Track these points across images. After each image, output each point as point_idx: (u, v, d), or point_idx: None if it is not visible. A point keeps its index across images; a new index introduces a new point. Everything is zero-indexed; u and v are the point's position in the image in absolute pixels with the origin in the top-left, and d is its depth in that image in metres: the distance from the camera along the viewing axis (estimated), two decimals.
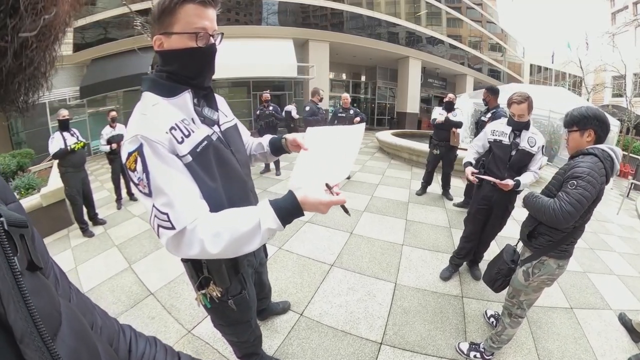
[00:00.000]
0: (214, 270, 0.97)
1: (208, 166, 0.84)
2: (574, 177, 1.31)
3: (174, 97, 0.82)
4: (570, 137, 1.45)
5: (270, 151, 1.16)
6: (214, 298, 1.00)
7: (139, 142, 0.73)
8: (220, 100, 1.04)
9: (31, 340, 0.28)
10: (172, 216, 0.72)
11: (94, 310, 0.49)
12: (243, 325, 1.19)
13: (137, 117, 0.78)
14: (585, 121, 1.38)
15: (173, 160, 0.76)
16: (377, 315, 2.01)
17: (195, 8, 0.76)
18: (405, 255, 2.77)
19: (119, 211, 4.24)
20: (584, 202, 1.27)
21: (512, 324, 1.63)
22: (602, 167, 1.30)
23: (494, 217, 2.28)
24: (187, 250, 0.73)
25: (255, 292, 1.24)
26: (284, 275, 2.41)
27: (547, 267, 1.46)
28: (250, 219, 0.74)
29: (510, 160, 2.07)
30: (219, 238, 0.72)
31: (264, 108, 5.25)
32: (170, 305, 2.12)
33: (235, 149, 0.98)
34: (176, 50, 0.80)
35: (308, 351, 1.71)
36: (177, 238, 0.73)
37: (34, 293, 0.32)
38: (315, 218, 3.50)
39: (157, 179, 0.72)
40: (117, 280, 2.48)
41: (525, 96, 1.92)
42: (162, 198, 0.72)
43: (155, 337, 0.60)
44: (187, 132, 0.80)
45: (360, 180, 5.23)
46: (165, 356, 0.57)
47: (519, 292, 1.57)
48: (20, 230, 0.33)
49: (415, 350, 1.76)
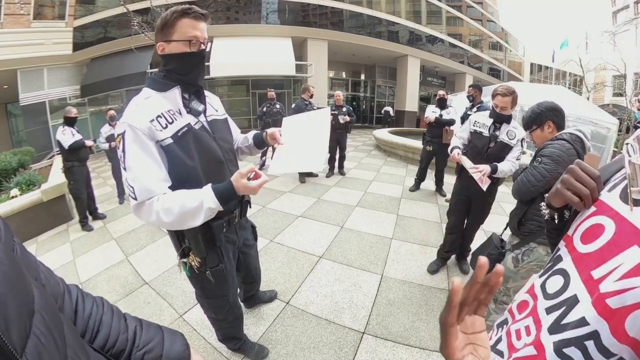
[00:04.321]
0: (192, 240, 1.11)
1: (187, 148, 1.01)
2: (541, 155, 1.42)
3: (166, 91, 1.01)
4: (533, 136, 1.54)
5: (253, 144, 1.32)
6: (193, 268, 1.15)
7: (124, 128, 0.91)
8: (215, 98, 1.23)
9: None
10: (136, 190, 0.90)
11: (37, 267, 0.48)
12: (220, 299, 1.30)
13: (131, 107, 0.97)
14: (540, 116, 1.48)
15: (147, 146, 0.93)
16: (361, 305, 2.06)
17: (189, 21, 0.97)
18: (393, 249, 2.82)
19: (120, 206, 4.34)
20: (547, 175, 1.37)
21: (497, 310, 1.66)
22: (570, 147, 1.37)
23: (474, 208, 2.32)
24: (147, 218, 0.93)
25: (234, 268, 1.34)
26: (273, 266, 2.48)
27: (536, 254, 1.48)
28: (195, 198, 0.92)
29: (488, 151, 2.11)
30: (170, 211, 0.90)
31: (271, 106, 5.30)
32: (165, 292, 2.20)
33: (219, 136, 1.14)
34: (174, 54, 1.00)
35: (291, 338, 1.77)
36: (139, 207, 0.92)
37: None
38: (308, 212, 3.56)
39: (129, 159, 0.91)
40: (113, 270, 2.55)
41: (511, 90, 1.95)
42: (131, 174, 0.91)
43: (103, 298, 0.60)
44: (170, 120, 0.99)
45: (355, 176, 5.29)
46: (112, 317, 0.58)
47: (507, 279, 1.59)
48: None
49: (398, 341, 1.78)
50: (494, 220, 3.24)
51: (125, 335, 0.57)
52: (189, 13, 0.97)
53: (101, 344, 0.53)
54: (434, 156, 4.32)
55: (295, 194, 4.29)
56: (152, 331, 0.61)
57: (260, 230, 3.05)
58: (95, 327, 0.54)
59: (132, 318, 0.61)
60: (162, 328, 0.64)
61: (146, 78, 1.07)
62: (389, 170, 5.91)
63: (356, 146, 8.93)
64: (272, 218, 3.41)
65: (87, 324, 0.53)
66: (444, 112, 4.10)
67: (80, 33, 11.66)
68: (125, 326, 0.58)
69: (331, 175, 5.26)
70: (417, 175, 4.56)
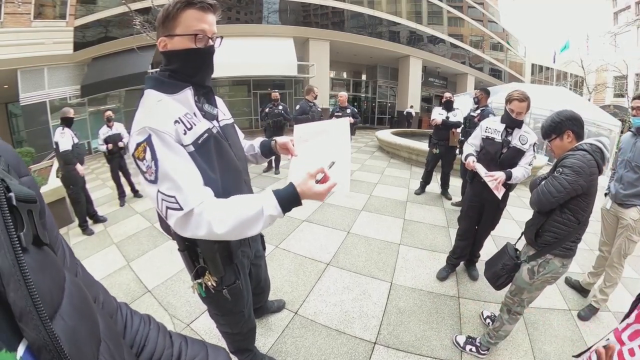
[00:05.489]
0: (209, 260, 1.01)
1: (208, 156, 0.90)
2: (562, 166, 1.40)
3: (176, 93, 0.89)
4: (552, 145, 1.51)
5: (260, 152, 1.23)
6: (209, 288, 1.06)
7: (147, 134, 0.79)
8: (219, 100, 1.10)
9: (29, 319, 0.29)
10: (180, 198, 0.77)
11: (97, 286, 0.51)
12: (236, 315, 1.23)
13: (144, 111, 0.85)
14: (560, 126, 1.45)
15: (180, 148, 0.82)
16: (371, 314, 2.01)
17: (195, 12, 0.85)
18: (402, 255, 2.77)
19: (121, 208, 4.26)
20: (567, 187, 1.34)
21: (510, 321, 1.63)
22: (591, 159, 1.35)
23: (486, 214, 2.29)
24: (195, 230, 0.79)
25: (249, 284, 1.27)
26: (280, 273, 2.42)
27: (552, 266, 1.46)
28: (254, 205, 0.80)
29: (501, 157, 2.08)
30: (225, 220, 0.78)
31: (273, 106, 5.23)
32: (167, 302, 2.13)
33: (232, 143, 1.04)
34: (178, 51, 0.87)
35: (302, 350, 1.72)
36: (185, 218, 0.79)
37: (37, 270, 0.32)
38: (313, 217, 3.51)
39: (165, 166, 0.78)
40: (114, 277, 2.49)
41: (527, 95, 1.94)
42: (168, 183, 0.78)
43: (150, 315, 0.62)
44: (189, 125, 0.87)
45: (359, 179, 5.24)
46: (158, 334, 0.59)
47: (521, 290, 1.57)
48: (29, 206, 0.33)
49: (409, 351, 1.75)
50: (502, 225, 3.19)
51: (170, 351, 0.59)
52: (195, 3, 0.83)
53: (147, 358, 0.56)
54: (440, 159, 4.27)
55: None
56: (196, 347, 0.63)
57: (266, 236, 2.99)
58: (142, 343, 0.57)
59: (177, 335, 0.64)
60: (205, 344, 0.65)
61: (146, 77, 0.93)
62: (393, 172, 5.86)
63: (359, 147, 8.87)
64: (276, 223, 3.31)
65: (134, 340, 0.56)
66: (451, 114, 4.04)
67: (81, 32, 11.60)
68: (170, 342, 0.60)
69: None
70: (423, 178, 4.51)
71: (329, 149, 0.99)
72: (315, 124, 1.11)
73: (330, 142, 1.01)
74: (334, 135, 1.02)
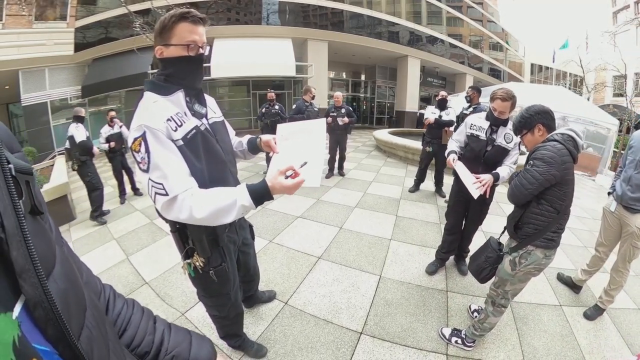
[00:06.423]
0: (197, 241, 1.13)
1: (196, 150, 1.02)
2: (533, 158, 1.43)
3: (170, 95, 1.02)
4: (525, 140, 1.54)
5: (247, 149, 1.33)
6: (197, 268, 1.17)
7: (142, 130, 0.92)
8: (210, 99, 1.22)
9: (28, 276, 0.32)
10: (166, 185, 0.90)
11: (81, 265, 0.52)
12: (223, 297, 1.33)
13: (142, 111, 0.97)
14: (530, 120, 1.48)
15: (169, 144, 0.95)
16: (359, 306, 2.08)
17: (187, 25, 0.98)
18: (392, 250, 2.83)
19: (122, 206, 4.36)
20: (539, 178, 1.37)
21: (494, 313, 1.65)
22: (562, 148, 1.37)
23: (472, 209, 2.32)
24: (178, 214, 0.91)
25: (236, 267, 1.38)
26: (272, 266, 2.50)
27: (534, 257, 1.48)
28: (230, 196, 0.92)
29: (485, 155, 2.09)
30: (204, 207, 0.90)
31: (270, 107, 5.32)
32: (164, 293, 2.22)
33: (219, 138, 1.16)
34: (172, 58, 1.00)
35: (290, 337, 1.79)
36: (170, 203, 0.91)
37: (34, 235, 0.34)
38: (307, 213, 3.58)
39: (155, 158, 0.91)
40: (113, 270, 2.58)
41: (511, 95, 1.91)
42: (157, 172, 0.91)
43: (134, 300, 0.62)
44: (180, 123, 1.00)
45: (354, 177, 5.31)
46: (141, 318, 0.60)
47: (504, 282, 1.58)
48: (26, 177, 0.36)
49: (395, 341, 1.79)
50: (494, 221, 3.25)
51: (152, 337, 0.58)
52: (187, 17, 0.97)
53: (127, 342, 0.56)
54: (433, 157, 4.33)
55: (294, 195, 4.25)
56: (180, 335, 0.62)
57: (260, 231, 3.08)
58: (123, 326, 0.57)
59: (161, 321, 0.63)
60: (190, 333, 0.65)
61: (145, 81, 1.06)
62: (388, 171, 5.93)
63: (356, 147, 8.94)
64: (271, 219, 3.43)
65: (115, 322, 0.56)
66: (444, 113, 4.11)
67: (82, 34, 11.70)
68: (153, 328, 0.60)
69: (331, 176, 5.28)
70: (417, 176, 4.57)
71: (306, 147, 1.10)
72: (296, 124, 1.22)
73: (307, 140, 1.12)
74: (311, 134, 1.13)
